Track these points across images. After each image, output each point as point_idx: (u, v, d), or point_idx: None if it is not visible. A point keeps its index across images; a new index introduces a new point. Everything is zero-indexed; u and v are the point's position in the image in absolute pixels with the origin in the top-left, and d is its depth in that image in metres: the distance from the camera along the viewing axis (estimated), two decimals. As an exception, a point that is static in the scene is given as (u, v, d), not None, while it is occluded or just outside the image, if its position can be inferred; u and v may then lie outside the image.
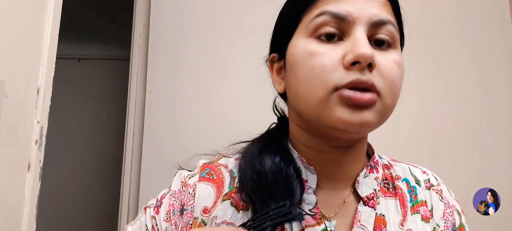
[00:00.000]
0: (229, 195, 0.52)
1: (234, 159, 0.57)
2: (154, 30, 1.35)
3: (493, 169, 1.27)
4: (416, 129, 1.28)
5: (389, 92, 0.44)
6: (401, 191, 0.53)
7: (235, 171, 0.54)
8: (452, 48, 1.34)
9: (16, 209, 0.67)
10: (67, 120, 2.34)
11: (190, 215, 0.51)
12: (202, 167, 0.56)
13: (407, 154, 1.24)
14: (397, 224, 0.50)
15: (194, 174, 0.55)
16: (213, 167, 0.56)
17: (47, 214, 2.18)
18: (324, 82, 0.43)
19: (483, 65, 1.33)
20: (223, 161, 0.58)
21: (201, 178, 0.54)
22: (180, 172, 0.57)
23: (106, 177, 2.30)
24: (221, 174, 0.55)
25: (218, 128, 1.26)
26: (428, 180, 0.56)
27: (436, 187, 0.56)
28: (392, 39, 0.46)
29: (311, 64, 0.45)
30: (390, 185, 0.54)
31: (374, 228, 0.49)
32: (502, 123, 1.30)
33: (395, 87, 0.45)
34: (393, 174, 0.55)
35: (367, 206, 0.50)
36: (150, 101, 1.30)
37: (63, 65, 2.06)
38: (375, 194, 0.51)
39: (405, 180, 0.55)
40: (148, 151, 1.27)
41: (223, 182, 0.53)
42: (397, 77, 0.45)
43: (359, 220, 0.49)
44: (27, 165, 0.69)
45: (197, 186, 0.53)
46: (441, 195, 0.55)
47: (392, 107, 0.47)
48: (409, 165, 0.59)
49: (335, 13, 0.45)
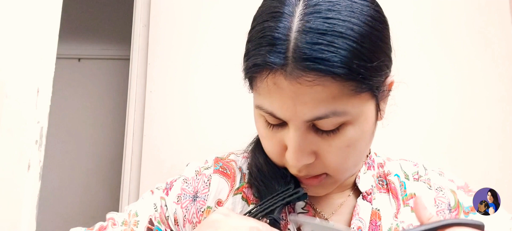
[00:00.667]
0: (241, 189, 0.55)
1: (242, 157, 0.59)
2: (154, 30, 1.35)
3: (493, 169, 1.27)
4: (416, 129, 1.28)
5: (338, 170, 0.46)
6: (394, 185, 0.55)
7: (244, 168, 0.57)
8: (452, 48, 1.34)
9: (16, 209, 0.67)
10: (67, 120, 2.34)
11: (203, 202, 0.54)
12: (215, 160, 0.58)
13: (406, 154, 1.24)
14: (391, 216, 0.52)
15: (208, 166, 0.57)
16: (225, 162, 0.58)
17: (47, 214, 2.19)
18: (275, 160, 0.48)
19: (483, 65, 1.33)
20: (233, 157, 0.60)
21: (215, 170, 0.56)
22: (192, 163, 0.59)
23: (106, 177, 2.30)
24: (233, 169, 0.57)
25: (218, 128, 1.27)
26: (416, 172, 0.57)
27: (424, 177, 0.56)
28: (338, 124, 0.42)
29: (263, 142, 0.48)
30: (384, 182, 0.56)
31: (370, 221, 0.51)
32: (502, 123, 1.30)
33: (345, 164, 0.45)
34: (385, 171, 0.57)
35: (365, 200, 0.53)
36: (150, 101, 1.30)
37: (63, 65, 2.07)
38: (372, 190, 0.54)
39: (396, 175, 0.56)
40: (148, 151, 1.27)
41: (235, 176, 0.56)
42: (345, 157, 0.44)
43: (358, 213, 0.51)
44: (27, 165, 0.70)
45: (212, 177, 0.55)
46: (429, 184, 0.55)
47: (350, 171, 0.49)
48: (400, 161, 0.60)
49: (269, 112, 0.42)
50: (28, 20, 0.70)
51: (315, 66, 0.37)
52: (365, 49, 0.39)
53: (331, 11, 0.39)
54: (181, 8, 1.36)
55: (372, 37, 0.40)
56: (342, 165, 0.45)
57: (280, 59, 0.39)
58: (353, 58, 0.38)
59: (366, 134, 0.44)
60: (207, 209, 0.53)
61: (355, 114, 0.41)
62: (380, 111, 0.47)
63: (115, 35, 2.38)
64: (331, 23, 0.38)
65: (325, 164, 0.44)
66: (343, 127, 0.42)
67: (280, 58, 0.39)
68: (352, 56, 0.38)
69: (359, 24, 0.39)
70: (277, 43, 0.39)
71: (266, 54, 0.40)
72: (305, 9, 0.40)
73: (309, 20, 0.39)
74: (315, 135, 0.42)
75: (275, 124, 0.44)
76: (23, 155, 0.69)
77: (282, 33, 0.39)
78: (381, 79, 0.43)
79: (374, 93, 0.43)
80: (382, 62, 0.42)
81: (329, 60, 0.37)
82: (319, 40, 0.38)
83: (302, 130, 0.42)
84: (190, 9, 1.36)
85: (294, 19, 0.40)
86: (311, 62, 0.37)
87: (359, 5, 0.41)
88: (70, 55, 2.37)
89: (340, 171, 0.46)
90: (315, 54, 0.37)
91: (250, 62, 0.42)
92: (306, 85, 0.38)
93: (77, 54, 2.42)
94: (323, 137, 0.42)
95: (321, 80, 0.38)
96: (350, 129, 0.42)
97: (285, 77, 0.39)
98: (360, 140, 0.44)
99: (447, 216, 0.52)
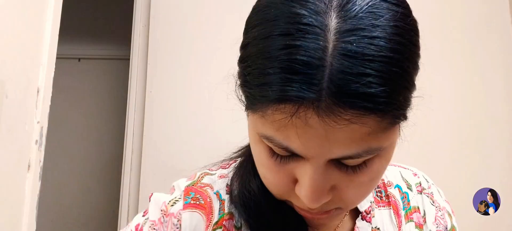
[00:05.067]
0: (220, 223, 0.45)
1: (218, 176, 0.49)
2: (154, 30, 1.35)
3: (493, 169, 1.27)
4: (415, 129, 1.27)
5: (353, 203, 0.39)
6: (394, 199, 0.50)
7: (223, 193, 0.47)
8: (452, 48, 1.34)
9: (16, 209, 0.67)
10: (67, 120, 2.34)
11: None
12: (185, 191, 0.47)
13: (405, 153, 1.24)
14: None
15: (176, 200, 0.46)
16: (198, 190, 0.47)
17: (47, 214, 2.19)
18: (276, 193, 0.39)
19: (483, 65, 1.33)
20: (207, 179, 0.48)
21: (186, 205, 0.45)
22: (157, 197, 0.47)
23: (106, 177, 2.30)
24: (209, 197, 0.46)
25: (218, 128, 1.26)
26: (419, 183, 0.54)
27: (427, 190, 0.53)
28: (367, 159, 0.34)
29: (262, 171, 0.39)
30: (383, 193, 0.51)
31: None
32: (502, 123, 1.30)
33: (363, 198, 0.39)
34: (385, 180, 0.52)
35: (364, 220, 0.47)
36: (150, 101, 1.30)
37: (63, 65, 2.06)
38: (371, 207, 0.49)
39: (397, 186, 0.52)
40: (148, 151, 1.27)
41: (212, 207, 0.45)
42: (366, 191, 0.37)
43: None
44: (27, 165, 0.69)
45: (182, 215, 0.44)
46: (432, 199, 0.53)
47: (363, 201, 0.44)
48: (400, 168, 0.55)
49: (284, 147, 0.33)
50: (28, 20, 0.70)
51: (360, 104, 0.29)
52: (409, 74, 0.32)
53: (376, 27, 0.30)
54: (181, 8, 1.36)
55: (414, 56, 0.33)
56: (360, 199, 0.38)
57: (313, 93, 0.29)
58: (400, 89, 0.31)
59: (389, 162, 0.38)
60: None
61: (386, 147, 0.35)
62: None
63: (115, 35, 2.38)
64: (378, 46, 0.29)
65: (342, 199, 0.37)
66: (370, 160, 0.35)
67: (312, 92, 0.29)
68: (400, 87, 0.30)
69: (404, 44, 0.31)
70: (309, 71, 0.29)
71: (290, 84, 0.30)
72: (343, 24, 0.30)
73: (351, 41, 0.29)
74: (337, 170, 0.34)
75: (284, 155, 0.35)
76: (23, 155, 0.69)
77: (314, 56, 0.29)
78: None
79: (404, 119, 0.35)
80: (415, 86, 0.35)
81: (377, 97, 0.29)
82: (367, 70, 0.29)
83: (323, 167, 0.33)
84: (190, 9, 1.36)
85: (328, 35, 0.30)
86: (356, 99, 0.29)
87: (401, 16, 0.32)
88: (70, 55, 2.37)
89: (355, 204, 0.39)
90: (361, 89, 0.29)
91: (263, 90, 0.32)
92: (342, 124, 0.30)
93: (77, 54, 2.42)
94: (346, 173, 0.35)
95: (362, 119, 0.30)
96: (377, 162, 0.35)
97: (318, 115, 0.30)
98: (383, 170, 0.37)
99: None
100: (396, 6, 0.32)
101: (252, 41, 0.34)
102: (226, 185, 0.47)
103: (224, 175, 0.48)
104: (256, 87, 0.33)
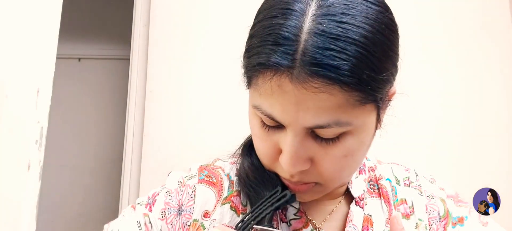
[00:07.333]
0: (229, 198, 0.52)
1: (229, 162, 0.56)
2: (154, 30, 1.35)
3: (493, 169, 1.27)
4: (414, 129, 1.28)
5: (331, 179, 0.44)
6: (385, 189, 0.54)
7: (232, 174, 0.54)
8: (452, 48, 1.34)
9: (16, 209, 0.67)
10: (67, 120, 2.34)
11: (188, 216, 0.50)
12: (199, 169, 0.55)
13: (405, 154, 1.24)
14: (383, 222, 0.51)
15: (192, 176, 0.53)
16: (211, 170, 0.55)
17: (47, 214, 2.19)
18: (266, 162, 0.46)
19: (483, 65, 1.33)
20: (219, 163, 0.57)
21: (200, 180, 0.53)
22: (174, 173, 0.55)
23: (106, 176, 2.30)
24: (220, 177, 0.54)
25: (218, 128, 1.26)
26: (408, 177, 0.57)
27: (415, 183, 0.56)
28: (338, 133, 0.40)
29: (256, 143, 0.46)
30: (376, 186, 0.55)
31: (362, 228, 0.50)
32: (502, 123, 1.30)
33: (339, 174, 0.44)
34: (377, 175, 0.56)
35: (358, 206, 0.51)
36: (150, 101, 1.30)
37: (63, 65, 2.07)
38: (364, 195, 0.53)
39: (388, 179, 0.55)
40: (148, 151, 1.27)
41: (222, 185, 0.53)
42: (341, 166, 0.43)
43: (352, 220, 0.50)
44: (27, 165, 0.69)
45: (197, 188, 0.52)
46: (420, 190, 0.55)
47: (343, 181, 0.48)
48: (392, 164, 0.59)
49: (268, 114, 0.40)
50: (28, 20, 0.70)
51: (324, 73, 0.35)
52: (377, 59, 0.37)
53: (346, 15, 0.37)
54: (181, 8, 1.36)
55: (384, 46, 0.38)
56: (336, 174, 0.44)
57: (287, 61, 0.36)
58: (364, 68, 0.36)
59: (364, 144, 0.43)
60: (194, 222, 0.50)
61: (357, 125, 0.40)
62: (379, 121, 0.45)
63: (115, 35, 2.38)
64: (345, 28, 0.36)
65: (320, 172, 0.43)
66: (343, 136, 0.40)
67: (287, 60, 0.36)
68: (363, 66, 0.36)
69: (373, 32, 0.37)
70: (286, 43, 0.37)
71: (272, 53, 0.37)
72: (318, 10, 0.37)
73: (322, 22, 0.36)
74: (313, 142, 0.41)
75: (271, 125, 0.42)
76: (23, 155, 0.69)
77: (292, 32, 0.37)
78: (386, 90, 0.41)
79: (378, 104, 0.41)
80: (390, 73, 0.40)
81: (339, 68, 0.35)
82: (331, 45, 0.35)
83: (300, 136, 0.40)
84: (190, 9, 1.36)
85: (305, 18, 0.37)
86: (321, 69, 0.35)
87: (374, 11, 0.38)
88: (70, 55, 2.37)
89: (333, 180, 0.45)
90: (325, 60, 0.35)
91: (254, 59, 0.40)
92: (311, 92, 0.36)
93: (77, 54, 2.42)
94: (321, 144, 0.40)
95: (328, 88, 0.36)
96: (350, 139, 0.41)
97: (291, 81, 0.37)
98: (358, 150, 0.43)
99: (438, 224, 0.52)
100: (371, 4, 0.39)
101: (253, 27, 0.43)
102: (236, 169, 0.54)
103: (234, 162, 0.56)
104: (245, 59, 0.42)
